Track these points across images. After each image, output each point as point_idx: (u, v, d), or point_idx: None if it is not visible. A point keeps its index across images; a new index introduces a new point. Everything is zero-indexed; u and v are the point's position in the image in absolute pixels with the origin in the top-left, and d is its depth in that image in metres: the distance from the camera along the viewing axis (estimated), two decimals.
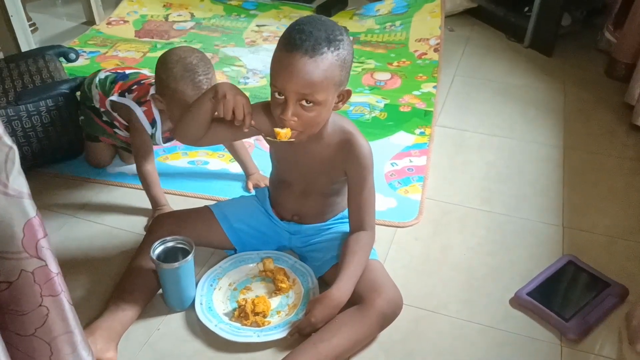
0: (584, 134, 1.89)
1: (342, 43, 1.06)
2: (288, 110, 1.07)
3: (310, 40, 1.02)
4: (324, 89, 1.06)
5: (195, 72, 1.35)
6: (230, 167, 1.70)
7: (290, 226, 1.36)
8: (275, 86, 1.07)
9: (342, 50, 1.06)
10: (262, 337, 1.16)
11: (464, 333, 1.23)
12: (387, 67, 2.27)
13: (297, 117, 1.08)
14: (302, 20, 1.06)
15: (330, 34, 1.04)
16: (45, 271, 0.67)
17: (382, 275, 1.22)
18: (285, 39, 1.05)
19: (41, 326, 0.68)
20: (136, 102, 1.47)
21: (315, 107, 1.07)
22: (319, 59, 1.03)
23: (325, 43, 1.03)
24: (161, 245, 1.21)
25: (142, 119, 1.46)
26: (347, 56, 1.07)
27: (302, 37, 1.02)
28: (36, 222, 0.65)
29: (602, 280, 1.31)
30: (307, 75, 1.03)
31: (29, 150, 1.60)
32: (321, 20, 1.06)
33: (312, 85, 1.04)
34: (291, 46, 1.03)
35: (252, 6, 2.80)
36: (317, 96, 1.06)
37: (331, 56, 1.04)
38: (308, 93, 1.05)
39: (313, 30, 1.03)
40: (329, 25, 1.05)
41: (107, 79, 1.55)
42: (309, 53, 1.02)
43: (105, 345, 1.12)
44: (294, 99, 1.06)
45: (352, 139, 1.19)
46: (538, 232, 1.49)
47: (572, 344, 1.20)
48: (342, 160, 1.21)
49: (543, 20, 2.33)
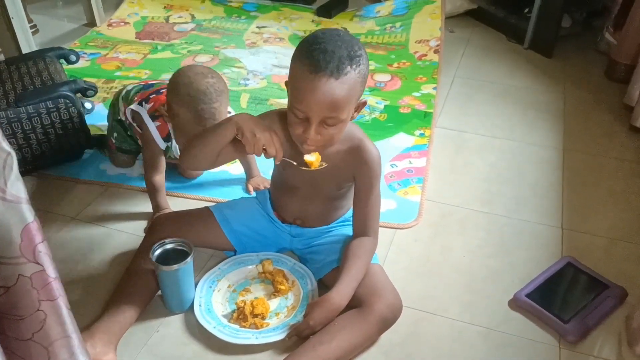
0: (584, 136, 1.89)
1: (362, 58, 1.05)
2: (311, 130, 1.07)
3: (334, 61, 1.01)
4: (347, 107, 1.07)
5: (201, 100, 1.31)
6: (230, 169, 1.70)
7: (292, 229, 1.36)
8: (298, 109, 1.06)
9: (362, 65, 1.05)
10: (260, 339, 1.16)
11: (463, 335, 1.23)
12: (387, 69, 2.27)
13: (319, 134, 1.09)
14: (322, 37, 1.04)
15: (350, 50, 1.03)
16: (43, 276, 0.67)
17: (382, 279, 1.22)
18: (307, 58, 1.03)
19: (39, 331, 0.68)
20: (151, 115, 1.45)
21: (337, 125, 1.08)
22: (344, 79, 1.02)
23: (348, 61, 1.02)
24: (160, 248, 1.22)
25: (154, 133, 1.44)
26: (366, 70, 1.08)
27: (327, 58, 1.01)
28: (34, 227, 0.65)
29: (601, 282, 1.31)
30: (334, 98, 1.03)
31: (29, 152, 1.60)
32: (339, 36, 1.05)
33: (338, 106, 1.05)
34: (315, 67, 1.02)
35: (253, 8, 2.81)
36: (341, 115, 1.07)
37: (354, 74, 1.04)
38: (334, 115, 1.06)
39: (335, 49, 1.02)
40: (347, 41, 1.04)
41: (133, 90, 1.57)
42: (334, 75, 1.02)
43: (105, 347, 1.12)
44: (317, 120, 1.06)
45: (362, 145, 1.20)
46: (537, 234, 1.49)
47: (571, 346, 1.20)
48: (351, 166, 1.22)
49: (543, 22, 2.33)
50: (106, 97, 2.03)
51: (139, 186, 1.62)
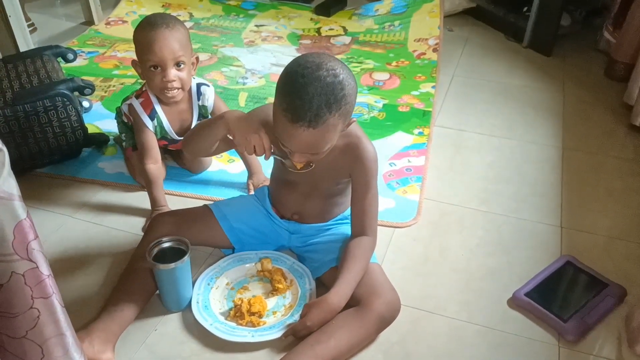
0: (583, 135, 1.89)
1: (344, 99, 1.04)
2: (295, 157, 1.12)
3: (312, 111, 1.01)
4: (328, 143, 1.09)
5: (152, 17, 1.41)
6: (228, 168, 1.70)
7: (290, 225, 1.36)
8: (282, 144, 1.11)
9: (345, 105, 1.05)
10: (256, 337, 1.16)
11: (462, 334, 1.22)
12: (386, 67, 2.26)
13: (305, 159, 1.13)
14: (301, 81, 1.01)
15: (330, 96, 1.01)
16: (36, 273, 0.67)
17: (381, 278, 1.22)
18: (286, 103, 1.03)
19: (32, 328, 0.68)
20: (136, 97, 1.49)
21: (321, 153, 1.11)
22: (321, 127, 1.03)
23: (327, 109, 1.02)
24: (157, 246, 1.21)
25: (138, 109, 1.47)
26: (350, 107, 1.07)
27: (304, 109, 1.01)
28: (27, 224, 0.65)
29: (600, 281, 1.30)
30: (311, 143, 1.07)
31: (26, 151, 1.60)
32: (320, 80, 1.01)
33: (317, 147, 1.08)
34: (292, 116, 1.02)
35: (251, 6, 2.80)
36: (322, 150, 1.10)
37: (333, 119, 1.04)
38: (314, 152, 1.09)
39: (314, 98, 1.00)
40: (329, 85, 1.01)
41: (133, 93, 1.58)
42: (312, 125, 1.02)
43: (103, 346, 1.12)
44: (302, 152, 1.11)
45: (359, 142, 1.20)
46: (536, 232, 1.48)
47: (570, 345, 1.19)
48: (348, 163, 1.22)
49: (542, 21, 2.33)
50: (104, 95, 2.03)
51: (136, 185, 1.62)
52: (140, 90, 1.50)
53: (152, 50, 1.37)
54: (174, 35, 1.39)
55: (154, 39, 1.37)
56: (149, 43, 1.37)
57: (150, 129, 1.48)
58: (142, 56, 1.40)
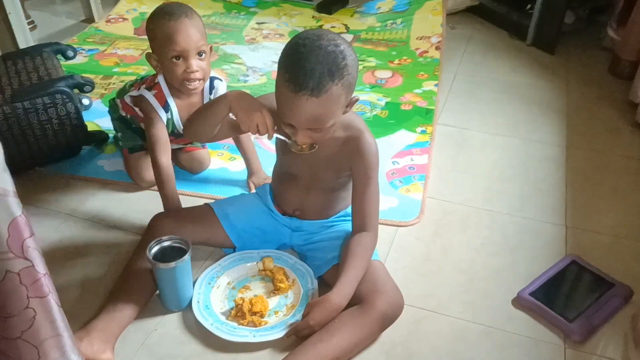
0: (588, 133, 1.87)
1: (346, 68, 1.03)
2: (298, 135, 1.10)
3: (314, 79, 1.01)
4: (332, 117, 1.07)
5: (168, 6, 1.36)
6: (229, 166, 1.68)
7: (291, 221, 1.34)
8: (283, 118, 1.09)
9: (347, 75, 1.04)
10: (258, 337, 1.14)
11: (466, 334, 1.21)
12: (388, 65, 2.25)
13: (308, 137, 1.11)
14: (302, 52, 1.02)
15: (332, 65, 1.02)
16: (32, 272, 0.65)
17: (383, 276, 1.21)
18: (288, 74, 1.03)
19: (28, 329, 0.66)
20: (147, 89, 1.45)
21: (325, 129, 1.10)
22: (324, 96, 1.02)
23: (329, 77, 1.02)
24: (157, 245, 1.20)
25: (152, 101, 1.42)
26: (352, 78, 1.06)
27: (306, 77, 1.01)
28: (22, 221, 0.63)
29: (606, 281, 1.29)
30: (315, 114, 1.05)
31: (26, 148, 1.58)
32: (321, 49, 1.02)
33: (320, 120, 1.07)
34: (295, 86, 1.02)
35: (252, 4, 2.78)
36: (326, 125, 1.08)
37: (336, 88, 1.03)
38: (317, 126, 1.08)
39: (315, 66, 1.01)
40: (330, 53, 1.02)
41: (126, 84, 1.57)
42: (314, 93, 1.01)
43: (102, 346, 1.11)
44: (303, 129, 1.09)
45: (360, 136, 1.19)
46: (541, 232, 1.47)
47: (576, 346, 1.18)
48: (348, 156, 1.21)
49: (546, 18, 2.31)
50: (104, 93, 2.01)
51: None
52: (152, 82, 1.45)
53: (175, 41, 1.33)
54: (195, 24, 1.36)
55: (177, 29, 1.33)
56: (171, 34, 1.33)
57: (164, 121, 1.44)
58: (163, 47, 1.35)
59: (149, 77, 1.49)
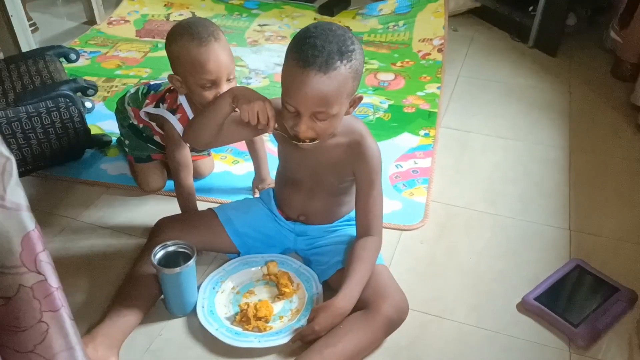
0: (590, 135, 1.87)
1: (354, 53, 1.04)
2: (302, 124, 1.07)
3: (323, 56, 1.00)
4: (337, 102, 1.06)
5: (193, 26, 1.26)
6: (232, 169, 1.68)
7: (296, 226, 1.34)
8: (288, 102, 1.07)
9: (355, 60, 1.04)
10: (263, 343, 1.14)
11: (471, 338, 1.21)
12: (391, 68, 2.25)
13: (311, 129, 1.08)
14: (313, 32, 1.03)
15: (342, 45, 1.02)
16: (45, 286, 0.65)
17: (388, 280, 1.21)
18: (297, 52, 1.03)
19: (40, 343, 0.66)
20: (170, 111, 1.38)
21: (328, 119, 1.08)
22: (332, 74, 1.02)
23: (338, 56, 1.01)
24: (162, 250, 1.20)
25: (177, 127, 1.36)
26: (359, 66, 1.06)
27: (315, 53, 1.01)
28: (35, 236, 0.63)
29: (610, 285, 1.29)
30: (322, 93, 1.03)
31: (28, 152, 1.58)
32: (332, 31, 1.03)
33: (327, 101, 1.04)
34: (304, 62, 1.01)
35: (254, 5, 2.78)
36: (331, 110, 1.06)
37: (344, 69, 1.03)
38: (322, 110, 1.05)
39: (325, 44, 1.01)
40: (340, 35, 1.03)
41: (139, 92, 1.49)
42: (322, 69, 1.01)
43: (107, 351, 1.11)
44: (307, 114, 1.06)
45: (362, 140, 1.19)
46: (545, 235, 1.47)
47: (580, 350, 1.18)
48: (351, 161, 1.20)
49: (548, 20, 2.31)
50: (106, 96, 2.01)
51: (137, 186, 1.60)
52: (174, 104, 1.38)
53: (207, 70, 1.24)
54: (223, 47, 1.27)
55: (207, 57, 1.24)
56: (202, 62, 1.24)
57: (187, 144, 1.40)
58: (192, 74, 1.26)
59: (166, 94, 1.42)
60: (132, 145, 1.58)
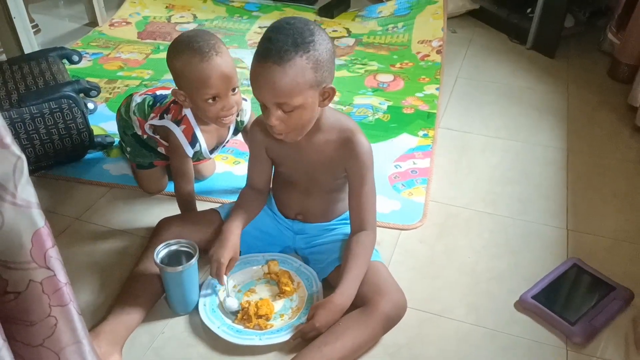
0: (588, 136, 1.89)
1: (313, 44, 1.05)
2: (271, 116, 1.11)
3: (277, 49, 1.04)
4: (298, 93, 1.07)
5: (194, 41, 1.25)
6: (234, 170, 1.70)
7: (294, 224, 1.36)
8: (255, 97, 1.11)
9: (314, 51, 1.06)
10: (264, 340, 1.16)
11: (469, 337, 1.22)
12: (390, 69, 2.26)
13: (281, 121, 1.11)
14: (271, 27, 1.07)
15: (297, 37, 1.04)
16: (54, 281, 0.67)
17: (386, 278, 1.22)
18: (257, 48, 1.08)
19: (50, 336, 0.68)
20: (174, 122, 1.38)
21: (296, 111, 1.10)
22: (287, 65, 1.04)
23: (293, 48, 1.04)
24: (165, 249, 1.21)
25: (181, 138, 1.36)
26: (321, 56, 1.07)
27: (270, 46, 1.04)
28: (45, 232, 0.65)
29: (607, 284, 1.30)
30: (277, 84, 1.05)
31: (32, 153, 1.59)
32: (290, 24, 1.06)
33: (285, 92, 1.06)
34: (259, 55, 1.06)
35: (255, 8, 2.80)
36: (293, 102, 1.08)
37: (300, 60, 1.04)
38: (283, 101, 1.08)
39: (279, 37, 1.04)
40: (297, 28, 1.06)
41: (145, 103, 1.47)
42: (277, 62, 1.04)
43: (110, 348, 1.12)
44: (273, 106, 1.09)
45: (352, 136, 1.20)
46: (542, 234, 1.48)
47: (577, 348, 1.19)
48: (343, 158, 1.22)
49: (546, 22, 2.33)
50: (109, 97, 2.03)
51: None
52: (179, 115, 1.38)
53: (209, 85, 1.25)
54: (226, 62, 1.26)
55: (210, 73, 1.23)
56: (205, 78, 1.24)
57: (190, 156, 1.40)
58: (196, 90, 1.26)
59: (171, 105, 1.41)
60: (134, 153, 1.57)
